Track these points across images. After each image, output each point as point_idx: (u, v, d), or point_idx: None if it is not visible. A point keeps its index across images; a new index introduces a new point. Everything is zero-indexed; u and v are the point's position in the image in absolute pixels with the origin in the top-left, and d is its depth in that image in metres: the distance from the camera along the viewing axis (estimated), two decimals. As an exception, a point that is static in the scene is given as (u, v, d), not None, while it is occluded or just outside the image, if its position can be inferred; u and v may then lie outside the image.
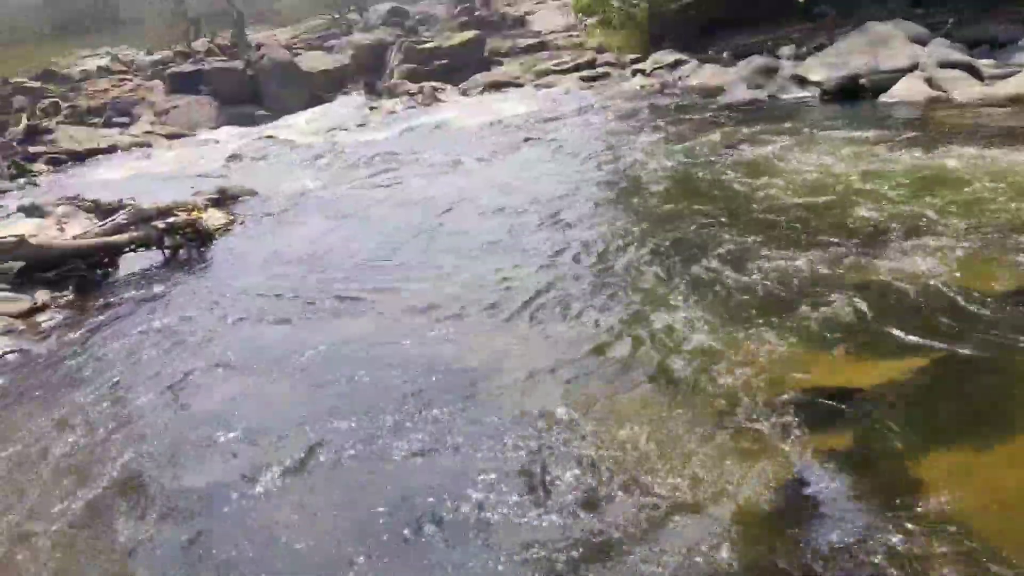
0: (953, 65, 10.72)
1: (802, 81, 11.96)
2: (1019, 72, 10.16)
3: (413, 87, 16.67)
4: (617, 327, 4.80)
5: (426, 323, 5.17)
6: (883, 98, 10.56)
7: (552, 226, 6.85)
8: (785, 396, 3.87)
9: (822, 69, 11.81)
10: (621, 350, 4.52)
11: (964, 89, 10.15)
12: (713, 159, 8.37)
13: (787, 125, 9.60)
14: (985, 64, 10.80)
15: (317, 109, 15.84)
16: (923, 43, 11.52)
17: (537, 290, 5.47)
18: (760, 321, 4.63)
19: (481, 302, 5.37)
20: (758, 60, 13.14)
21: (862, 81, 11.11)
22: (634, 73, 14.82)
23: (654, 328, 4.71)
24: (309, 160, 10.92)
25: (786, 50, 13.70)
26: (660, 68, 14.45)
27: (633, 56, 15.94)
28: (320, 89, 17.44)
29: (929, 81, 10.49)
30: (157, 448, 4.08)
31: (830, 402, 3.83)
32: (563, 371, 4.36)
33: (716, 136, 9.40)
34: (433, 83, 16.75)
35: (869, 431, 3.59)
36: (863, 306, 4.65)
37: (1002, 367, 3.95)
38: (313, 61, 18.81)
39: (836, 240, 5.70)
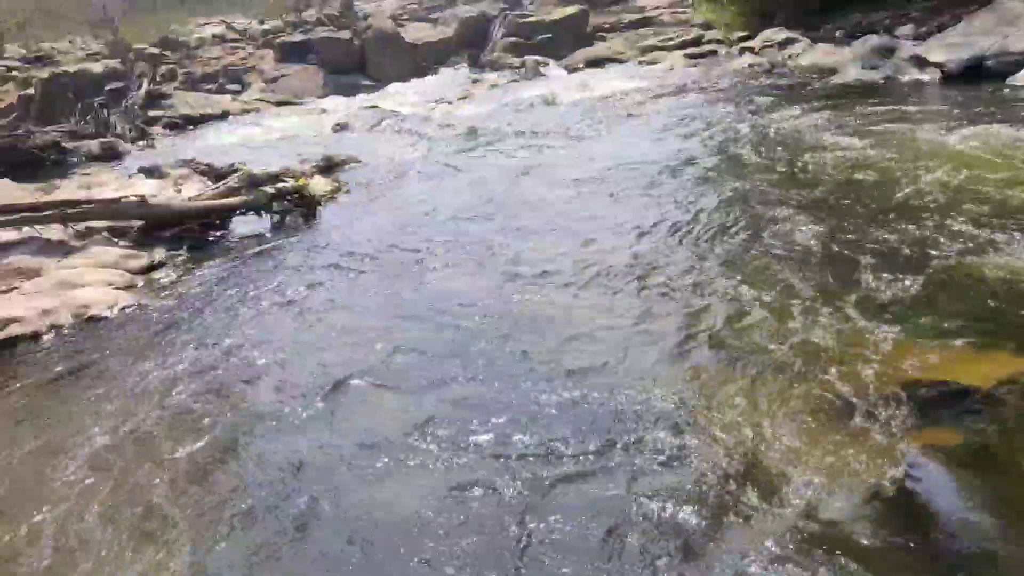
0: (1092, 47, 10.05)
1: (922, 62, 11.41)
2: None
3: (516, 60, 16.68)
4: (722, 309, 4.73)
5: (514, 287, 5.26)
6: (1011, 81, 9.97)
7: (649, 202, 6.79)
8: (897, 389, 3.74)
9: (944, 50, 11.23)
10: (726, 333, 4.46)
11: (1104, 73, 9.50)
12: (819, 142, 8.09)
13: (903, 108, 9.18)
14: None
15: (421, 80, 16.04)
16: (1059, 24, 10.81)
17: (631, 263, 5.45)
18: (872, 310, 4.47)
19: (574, 272, 5.39)
20: (874, 40, 12.61)
21: (988, 63, 10.51)
22: (742, 51, 14.44)
23: (758, 313, 4.62)
24: (412, 130, 11.08)
25: (905, 29, 13.10)
26: (769, 47, 14.03)
27: (741, 34, 15.53)
28: (424, 60, 17.64)
29: (1064, 65, 9.86)
30: (262, 394, 4.28)
31: (944, 398, 3.69)
32: (654, 348, 4.33)
33: (825, 119, 9.07)
34: (536, 57, 16.72)
35: (983, 431, 3.45)
36: (985, 300, 4.45)
37: None
38: (418, 33, 19.02)
39: (956, 230, 5.44)
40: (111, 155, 11.82)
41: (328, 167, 9.16)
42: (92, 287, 6.12)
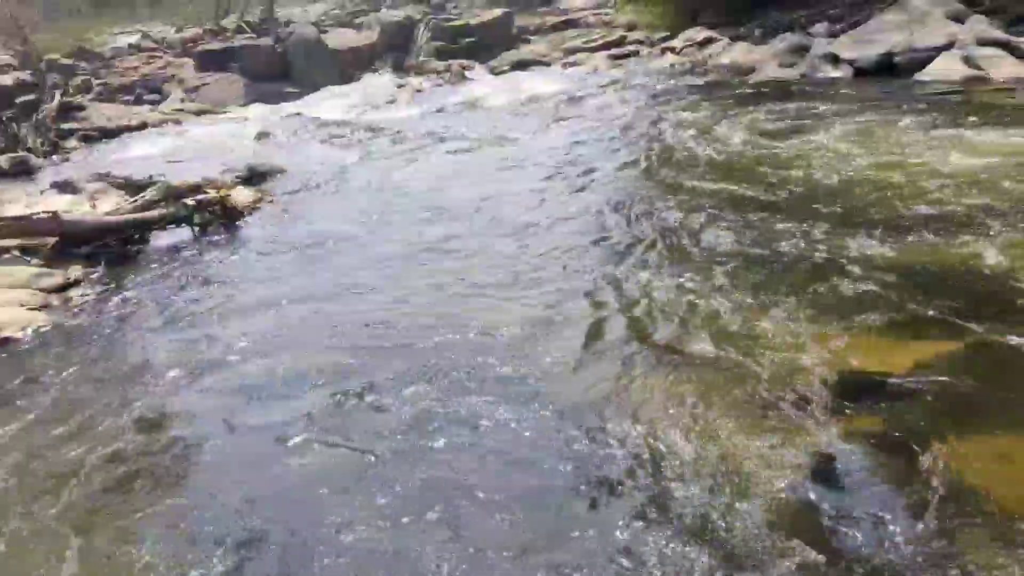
0: (991, 43, 10.48)
1: (835, 59, 11.75)
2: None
3: (441, 65, 16.60)
4: (654, 306, 4.78)
5: (440, 293, 5.24)
6: (918, 76, 10.35)
7: (584, 205, 6.83)
8: (819, 377, 3.84)
9: (856, 47, 11.60)
10: (657, 329, 4.51)
11: (1003, 68, 9.93)
12: (742, 139, 8.27)
13: (818, 104, 9.45)
14: (1024, 42, 10.55)
15: (346, 87, 15.84)
16: (961, 20, 11.26)
17: (560, 265, 5.48)
18: (794, 302, 4.58)
19: (509, 279, 5.37)
20: (790, 38, 12.94)
21: (897, 59, 10.90)
22: (664, 51, 14.67)
23: (689, 308, 4.68)
24: (337, 138, 10.93)
25: (819, 27, 13.48)
26: (690, 46, 14.29)
27: (663, 34, 15.77)
28: (349, 67, 17.42)
29: (966, 59, 10.27)
30: (177, 416, 4.15)
31: (864, 384, 3.79)
32: (595, 347, 4.36)
33: (745, 115, 9.28)
34: (461, 61, 16.68)
35: (902, 414, 3.56)
36: (901, 289, 4.59)
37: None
38: (341, 39, 18.78)
39: (870, 221, 5.62)
40: (22, 170, 11.34)
41: (252, 177, 8.97)
42: (3, 308, 5.86)
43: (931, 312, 4.34)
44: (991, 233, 5.19)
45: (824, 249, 5.28)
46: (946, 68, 10.26)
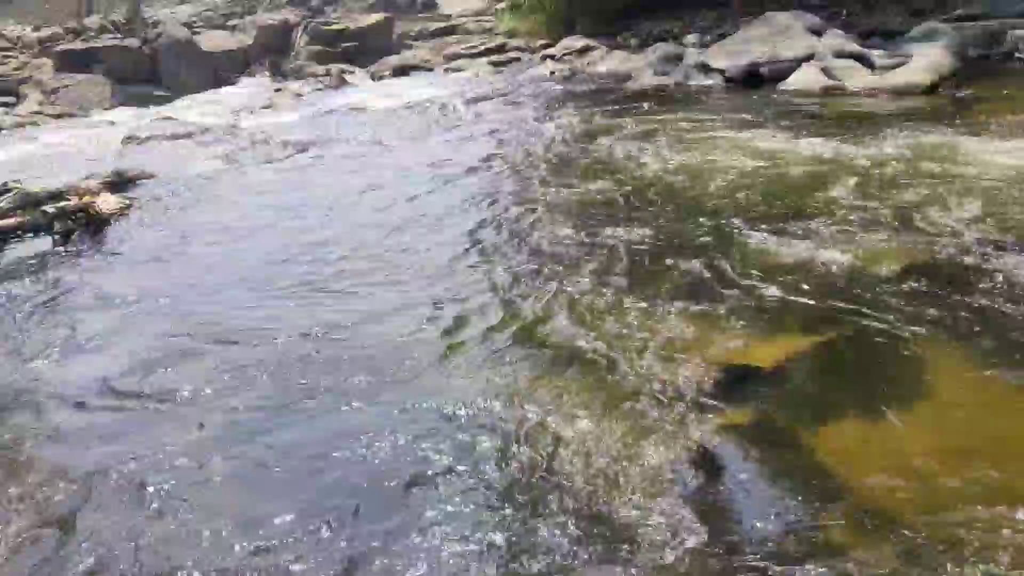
0: (847, 55, 11.15)
1: (706, 68, 12.23)
2: (906, 63, 10.64)
3: (320, 69, 16.33)
4: (532, 308, 4.82)
5: (305, 298, 5.15)
6: (782, 86, 10.90)
7: (464, 211, 6.83)
8: (691, 375, 3.95)
9: (725, 57, 12.10)
10: (535, 330, 4.54)
11: (856, 78, 10.57)
12: (616, 145, 8.47)
13: (691, 111, 9.81)
14: (877, 54, 11.28)
15: (220, 90, 15.35)
16: (820, 33, 11.93)
17: (454, 271, 5.46)
18: (664, 298, 4.71)
19: (388, 283, 5.32)
20: (665, 47, 13.37)
21: (762, 69, 11.45)
22: (544, 59, 14.89)
23: (567, 310, 4.74)
24: (211, 142, 10.55)
25: (691, 38, 14.01)
26: (569, 54, 14.57)
27: (543, 42, 16.02)
28: (223, 69, 16.90)
29: (824, 70, 10.88)
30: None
31: (734, 380, 3.93)
32: (473, 351, 4.35)
33: (623, 121, 9.52)
34: (341, 65, 16.45)
35: (770, 406, 3.71)
36: (764, 287, 4.79)
37: (894, 343, 4.13)
38: (215, 40, 18.20)
39: (737, 222, 5.85)
40: None
41: (118, 183, 8.53)
42: None
43: (794, 307, 4.55)
44: (846, 231, 5.49)
45: (693, 246, 5.47)
46: (807, 78, 10.84)
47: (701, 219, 5.99)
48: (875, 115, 8.88)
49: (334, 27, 18.70)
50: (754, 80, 11.36)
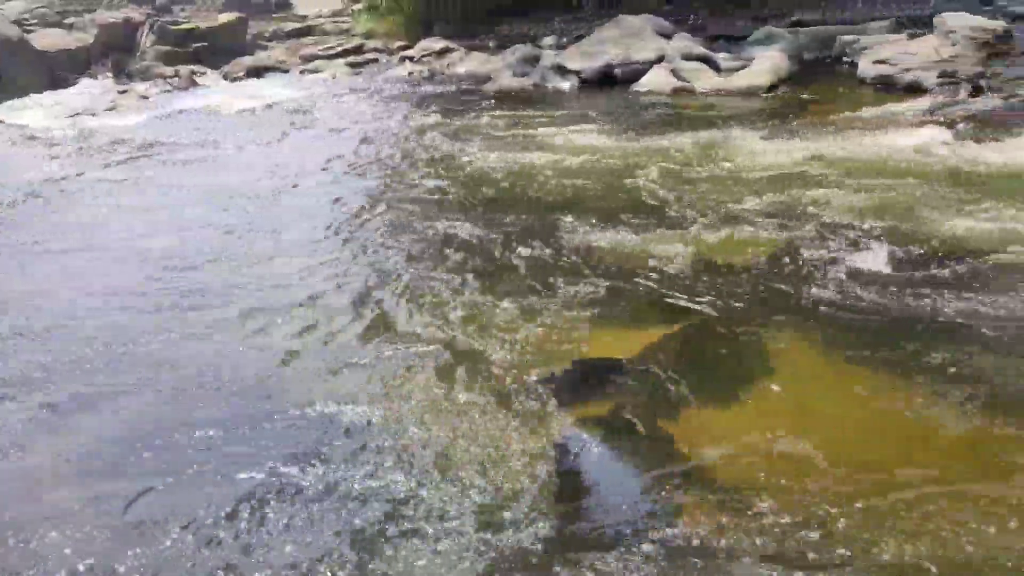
0: (695, 58, 11.65)
1: (563, 70, 12.47)
2: (749, 65, 11.22)
3: (169, 70, 15.57)
4: (382, 308, 4.78)
5: (158, 313, 4.92)
6: (634, 87, 11.27)
7: (311, 212, 6.71)
8: (551, 369, 4.03)
9: (580, 59, 12.38)
10: (397, 329, 4.51)
11: (703, 80, 11.06)
12: (475, 145, 8.52)
13: (548, 111, 10.01)
14: (722, 57, 11.85)
15: (58, 92, 14.38)
16: (669, 37, 12.41)
17: (313, 274, 5.34)
18: (525, 295, 4.78)
19: (245, 293, 5.14)
20: (523, 49, 13.54)
21: (616, 71, 11.79)
22: (402, 60, 14.78)
23: (419, 308, 4.73)
24: (47, 148, 9.88)
25: (548, 40, 14.27)
26: (428, 55, 14.52)
27: (401, 43, 15.90)
28: (62, 70, 15.82)
29: (674, 72, 11.32)
30: None
31: (595, 371, 4.03)
32: (335, 353, 4.27)
33: (482, 122, 9.60)
34: (192, 67, 15.75)
35: (627, 396, 3.82)
36: (619, 281, 4.94)
37: (739, 330, 4.35)
38: (50, 39, 17.02)
39: (594, 219, 6.00)
40: None
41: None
42: None
43: (644, 299, 4.72)
44: (691, 226, 5.73)
45: (553, 244, 5.57)
46: (658, 80, 11.25)
47: (561, 215, 6.11)
48: (720, 114, 9.33)
49: (183, 26, 17.90)
50: (608, 81, 11.69)
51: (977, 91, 8.95)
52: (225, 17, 18.66)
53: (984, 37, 10.70)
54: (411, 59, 14.55)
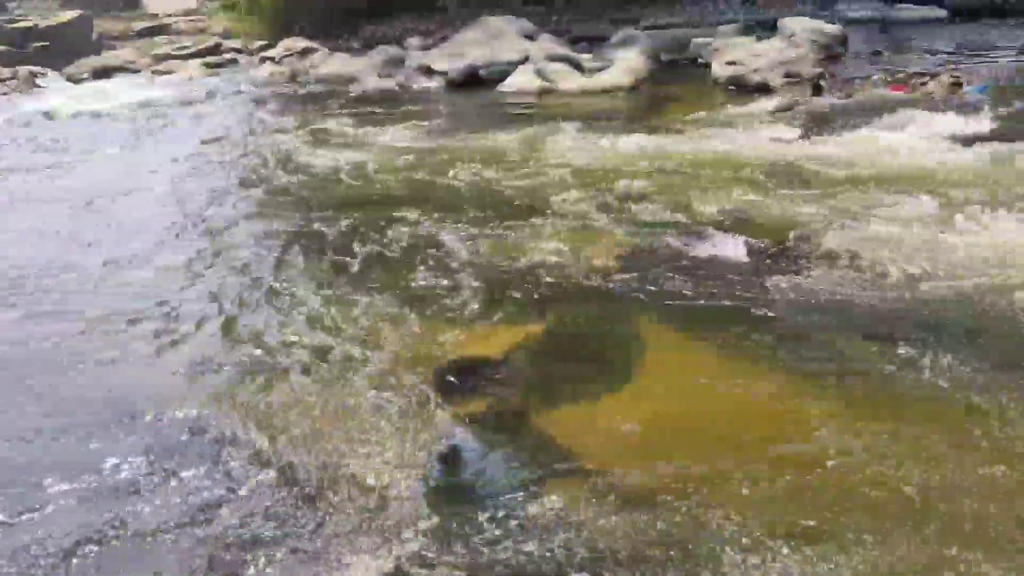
0: (559, 59, 11.89)
1: (429, 71, 12.48)
2: (611, 66, 11.56)
3: (6, 72, 14.57)
4: (250, 312, 4.65)
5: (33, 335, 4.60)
6: (500, 88, 11.39)
7: (168, 219, 6.43)
8: (425, 370, 4.00)
9: (446, 60, 12.42)
10: (254, 336, 4.39)
11: (568, 80, 11.31)
12: (339, 147, 8.41)
13: (414, 113, 9.97)
14: (585, 58, 12.15)
15: None
16: (532, 38, 12.62)
17: (162, 281, 5.13)
18: (399, 301, 4.73)
19: (87, 301, 4.89)
20: (388, 50, 13.47)
21: (481, 72, 11.89)
22: (263, 60, 14.41)
23: (307, 316, 4.62)
24: None
25: (414, 41, 14.23)
26: (290, 55, 14.22)
27: (261, 43, 15.48)
28: None
29: (539, 73, 11.51)
30: None
31: (469, 370, 4.04)
32: (209, 369, 4.11)
33: (342, 123, 9.47)
34: (30, 67, 14.78)
35: (503, 393, 3.85)
36: (490, 281, 4.97)
37: (610, 324, 4.46)
38: None
39: (458, 217, 6.02)
40: None
41: None
42: None
43: (516, 297, 4.76)
44: (558, 224, 5.84)
45: (419, 245, 5.56)
46: (523, 80, 11.42)
47: (427, 215, 6.10)
48: (584, 113, 9.55)
49: (20, 24, 16.78)
50: (475, 82, 11.76)
51: (818, 90, 9.54)
52: (67, 15, 17.64)
53: (823, 40, 11.44)
54: (272, 60, 14.20)
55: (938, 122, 7.50)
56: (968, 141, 6.87)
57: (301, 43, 14.64)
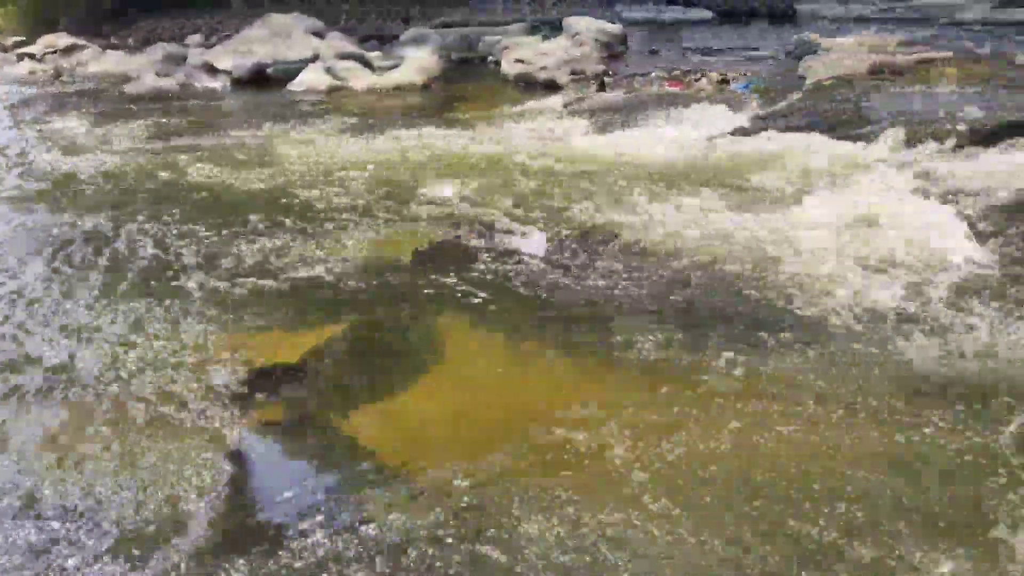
0: (349, 57, 11.71)
1: (213, 69, 11.90)
2: (402, 63, 11.53)
3: None
4: (55, 341, 4.22)
5: None
6: (291, 86, 11.07)
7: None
8: (221, 380, 3.81)
9: (231, 57, 11.90)
10: (56, 361, 4.00)
11: (359, 79, 11.17)
12: (112, 151, 7.84)
13: (199, 113, 9.46)
14: (375, 56, 12.04)
15: None
16: (321, 36, 12.35)
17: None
18: (196, 310, 4.48)
19: None
20: (166, 47, 12.74)
21: (269, 70, 11.50)
22: (22, 57, 13.14)
23: (72, 326, 4.26)
24: None
25: (195, 38, 13.53)
26: (53, 52, 13.08)
27: (17, 39, 14.11)
28: None
29: (329, 71, 11.28)
30: None
31: (265, 377, 3.88)
32: None
33: (121, 125, 8.81)
34: None
35: (301, 398, 3.74)
36: (282, 284, 4.80)
37: (410, 322, 4.43)
38: None
39: (252, 222, 5.79)
40: None
41: None
42: None
43: (311, 299, 4.64)
44: (351, 223, 5.75)
45: (209, 251, 5.29)
46: (313, 79, 11.15)
47: (219, 221, 5.80)
48: (376, 110, 9.47)
49: None
50: (262, 81, 11.35)
51: (602, 86, 9.99)
52: None
53: (605, 39, 12.01)
54: (32, 57, 12.97)
55: (711, 116, 8.05)
56: (741, 132, 7.42)
57: (65, 40, 13.48)
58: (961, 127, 6.42)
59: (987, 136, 6.20)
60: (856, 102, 7.77)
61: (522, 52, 11.40)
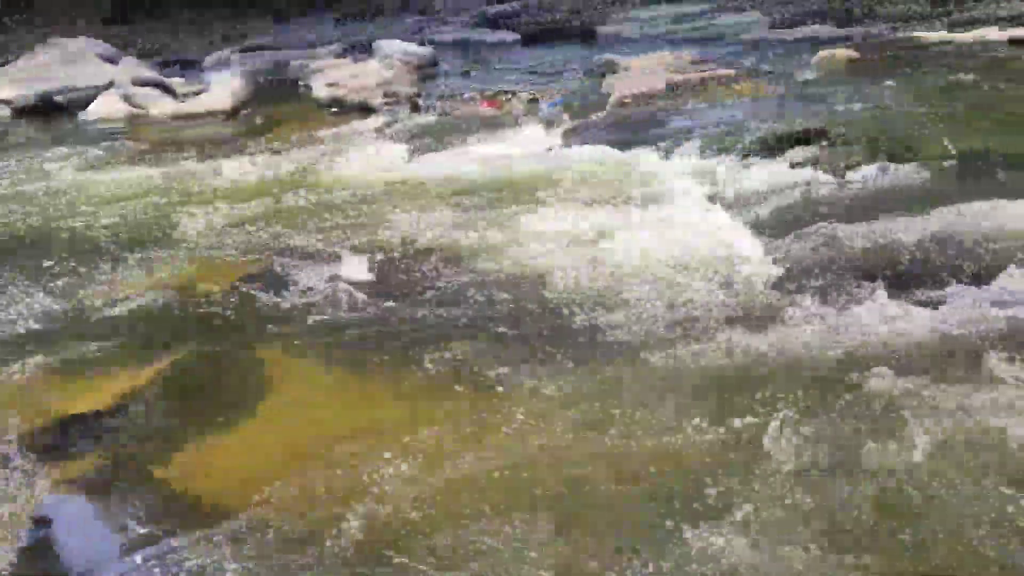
0: (148, 83, 11.14)
1: (-10, 98, 10.98)
2: (207, 89, 11.12)
3: None
4: None
5: None
6: (82, 116, 10.41)
7: None
8: (20, 434, 3.54)
9: (12, 85, 11.07)
10: None
11: (160, 106, 10.65)
12: None
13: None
14: (178, 82, 11.52)
15: None
16: (115, 61, 11.69)
17: None
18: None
19: None
20: (-70, 76, 11.59)
21: (58, 99, 10.78)
22: None
23: None
24: None
25: (-34, 65, 12.40)
26: None
27: None
28: None
29: (127, 98, 10.68)
30: None
31: (69, 428, 3.64)
32: None
33: None
34: None
35: (115, 445, 3.53)
36: (93, 324, 4.55)
37: (230, 359, 4.26)
38: None
39: (43, 263, 5.41)
40: None
41: None
42: None
43: (130, 340, 4.40)
44: (164, 255, 5.51)
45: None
46: (109, 107, 10.51)
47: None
48: (181, 139, 9.07)
49: None
50: (50, 110, 10.62)
51: (415, 108, 10.06)
52: None
53: (416, 61, 12.11)
54: None
55: (525, 134, 8.28)
56: (548, 148, 7.66)
57: None
58: (749, 139, 6.97)
59: (772, 147, 6.75)
60: (654, 117, 8.28)
61: (333, 75, 11.27)
